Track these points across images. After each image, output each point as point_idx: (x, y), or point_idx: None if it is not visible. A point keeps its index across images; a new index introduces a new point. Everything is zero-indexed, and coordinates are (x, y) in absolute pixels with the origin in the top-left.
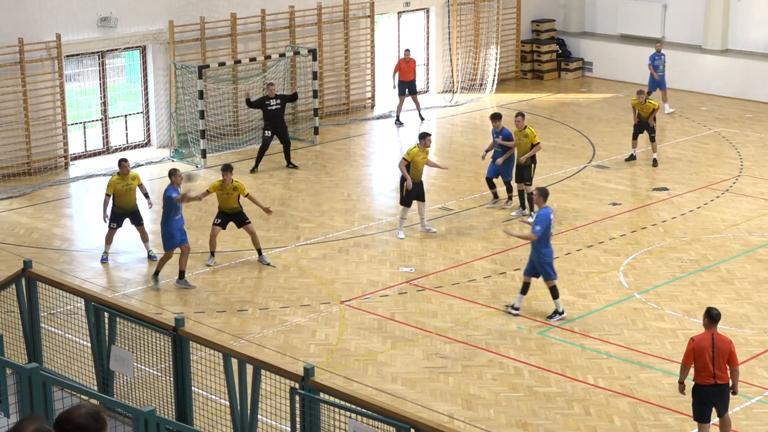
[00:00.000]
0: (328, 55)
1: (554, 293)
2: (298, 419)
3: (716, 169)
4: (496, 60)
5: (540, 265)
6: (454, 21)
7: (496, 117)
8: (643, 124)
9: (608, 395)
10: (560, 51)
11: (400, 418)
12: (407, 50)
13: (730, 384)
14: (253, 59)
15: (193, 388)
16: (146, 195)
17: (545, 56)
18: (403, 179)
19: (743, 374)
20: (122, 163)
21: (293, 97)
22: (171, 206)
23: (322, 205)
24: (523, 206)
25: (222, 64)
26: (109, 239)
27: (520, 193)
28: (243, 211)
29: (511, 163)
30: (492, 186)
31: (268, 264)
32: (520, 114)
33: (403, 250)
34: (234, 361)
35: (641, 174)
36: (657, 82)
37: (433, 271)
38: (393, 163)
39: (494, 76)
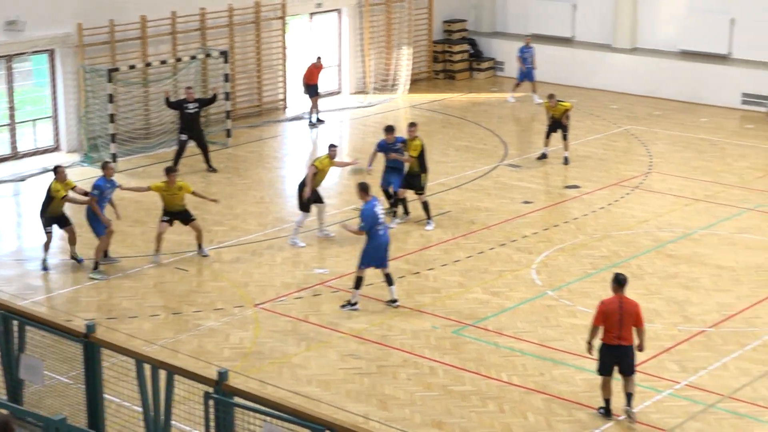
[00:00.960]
0: (240, 57)
1: (357, 283)
2: (212, 424)
3: (626, 167)
4: (409, 60)
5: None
6: (366, 22)
7: (389, 130)
8: (557, 124)
9: (522, 392)
10: (472, 51)
11: (315, 419)
12: (319, 57)
13: (636, 344)
14: (164, 62)
15: (105, 395)
16: (86, 194)
17: (457, 56)
18: (302, 186)
19: (654, 368)
20: (59, 169)
21: (212, 100)
22: (100, 198)
23: (235, 207)
24: (406, 212)
25: (132, 67)
26: (48, 246)
27: (403, 200)
28: (188, 209)
29: (401, 173)
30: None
31: (206, 255)
32: (413, 124)
33: (316, 251)
34: (147, 367)
35: (553, 172)
36: (525, 74)
37: (347, 272)
38: (307, 165)
39: (406, 76)
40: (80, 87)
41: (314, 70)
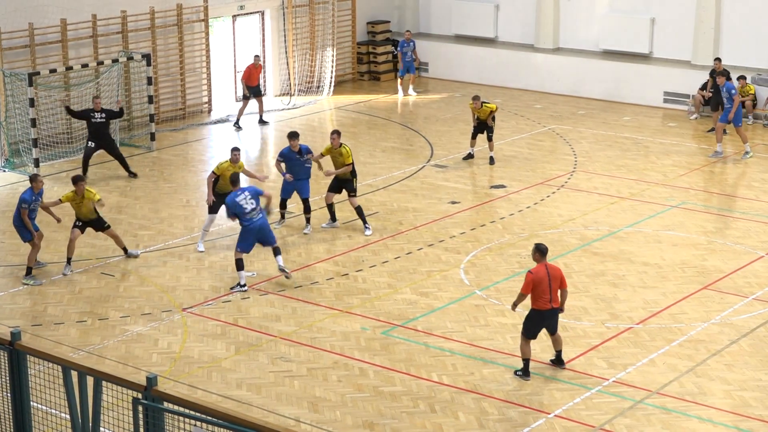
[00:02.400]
0: (163, 59)
1: (238, 265)
2: (141, 430)
3: (551, 166)
4: (333, 62)
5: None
6: (290, 24)
7: (293, 136)
8: (482, 125)
9: (453, 392)
10: (395, 52)
11: (246, 423)
12: (257, 56)
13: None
14: (85, 65)
15: (32, 402)
16: None
17: (381, 57)
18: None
19: (582, 366)
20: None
21: (119, 114)
22: (28, 211)
23: (161, 211)
24: (333, 219)
25: (53, 71)
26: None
27: (330, 206)
28: (100, 217)
29: (307, 180)
30: (284, 206)
31: (136, 256)
32: (336, 132)
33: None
34: (74, 374)
35: (479, 172)
36: (405, 67)
37: (275, 275)
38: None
39: (331, 78)
40: (0, 91)
41: (253, 70)
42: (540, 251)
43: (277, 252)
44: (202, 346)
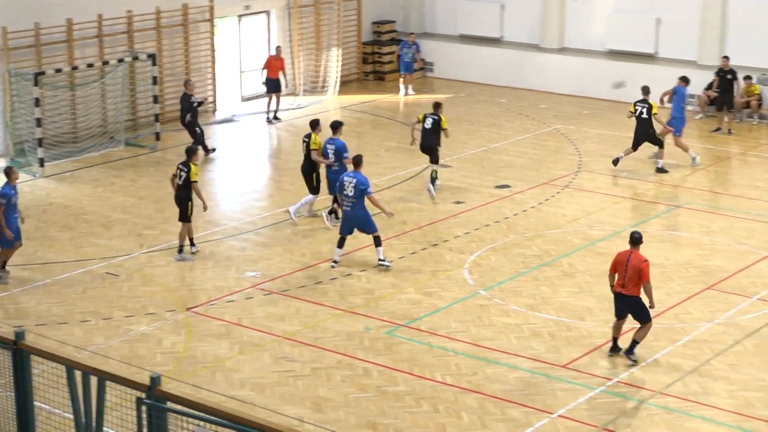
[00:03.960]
0: (168, 59)
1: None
2: (145, 430)
3: (556, 166)
4: (338, 62)
5: None
6: (295, 24)
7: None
8: None
9: (456, 392)
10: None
11: (250, 423)
12: (278, 47)
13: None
14: (90, 65)
15: (35, 402)
16: None
17: (386, 57)
18: (313, 169)
19: (586, 365)
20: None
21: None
22: (8, 206)
23: (166, 211)
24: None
25: (59, 70)
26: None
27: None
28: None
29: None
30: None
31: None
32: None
33: (248, 254)
34: (78, 374)
35: (483, 172)
36: (404, 67)
37: (279, 274)
38: (237, 167)
39: (336, 77)
40: (6, 91)
41: (273, 61)
42: (631, 239)
43: (375, 243)
44: (206, 346)
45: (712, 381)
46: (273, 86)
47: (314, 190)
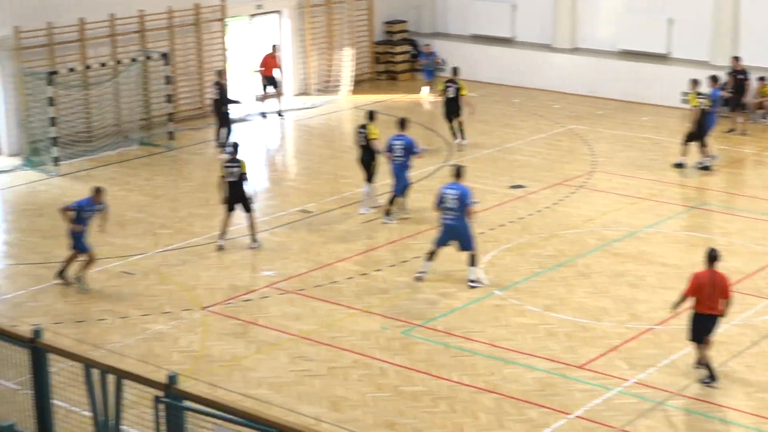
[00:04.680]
0: (181, 59)
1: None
2: (162, 428)
3: (570, 166)
4: (351, 61)
5: None
6: (307, 23)
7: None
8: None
9: (473, 392)
10: (413, 52)
11: (267, 422)
12: (275, 45)
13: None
14: (103, 64)
15: (53, 400)
16: None
17: (398, 57)
18: (372, 157)
19: (603, 366)
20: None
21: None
22: (79, 218)
23: (181, 210)
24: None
25: (72, 70)
26: None
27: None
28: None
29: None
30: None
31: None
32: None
33: (264, 253)
34: (95, 372)
35: (498, 172)
36: (428, 74)
37: (295, 273)
38: (252, 166)
39: (349, 77)
40: (20, 90)
41: (269, 60)
42: (708, 257)
43: (469, 261)
44: (223, 345)
45: (730, 383)
46: (269, 84)
47: (371, 178)
